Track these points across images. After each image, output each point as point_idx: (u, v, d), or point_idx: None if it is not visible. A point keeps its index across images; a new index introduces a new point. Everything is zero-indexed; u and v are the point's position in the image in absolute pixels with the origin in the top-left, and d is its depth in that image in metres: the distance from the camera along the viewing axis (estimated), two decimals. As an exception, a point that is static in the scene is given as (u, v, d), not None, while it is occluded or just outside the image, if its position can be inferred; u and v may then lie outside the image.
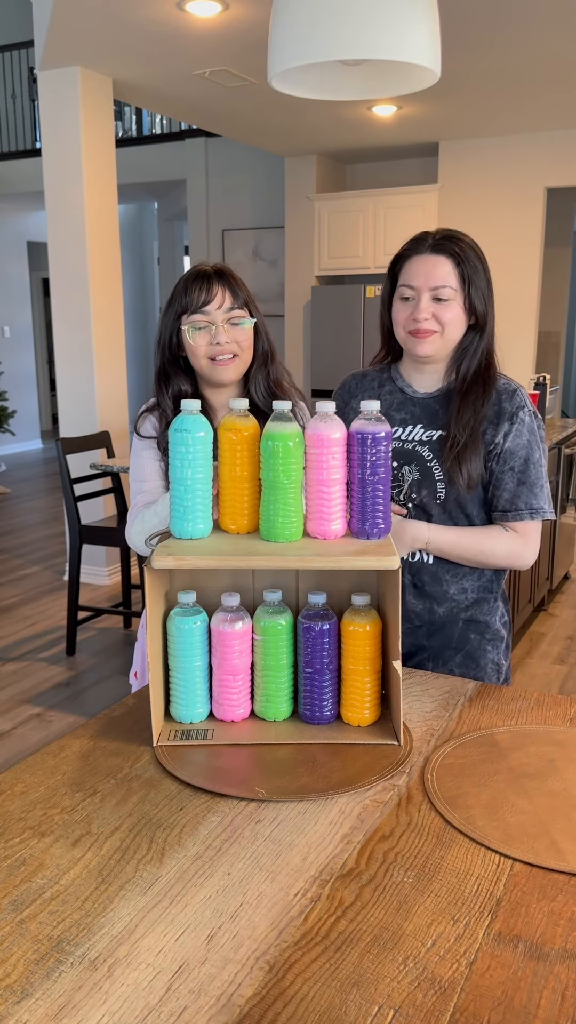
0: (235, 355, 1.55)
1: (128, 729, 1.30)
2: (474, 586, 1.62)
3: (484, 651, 1.64)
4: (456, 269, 1.50)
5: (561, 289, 7.45)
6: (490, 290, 1.54)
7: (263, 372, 1.63)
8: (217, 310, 1.53)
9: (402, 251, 1.56)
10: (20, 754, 3.10)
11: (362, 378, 1.70)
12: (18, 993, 0.79)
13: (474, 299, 1.51)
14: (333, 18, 1.45)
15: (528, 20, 3.81)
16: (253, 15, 3.74)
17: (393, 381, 1.65)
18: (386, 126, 5.82)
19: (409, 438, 1.60)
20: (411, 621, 1.63)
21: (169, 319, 1.57)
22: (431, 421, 1.59)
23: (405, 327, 1.54)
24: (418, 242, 1.53)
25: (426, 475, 1.57)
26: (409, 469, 1.59)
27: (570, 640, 4.16)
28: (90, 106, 4.57)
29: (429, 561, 1.60)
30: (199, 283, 1.53)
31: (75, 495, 3.88)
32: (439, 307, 1.50)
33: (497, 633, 1.65)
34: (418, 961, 0.82)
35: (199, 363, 1.56)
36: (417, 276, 1.51)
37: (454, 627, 1.63)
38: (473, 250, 1.52)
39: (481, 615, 1.63)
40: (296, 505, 1.23)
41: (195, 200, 7.76)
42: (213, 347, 1.53)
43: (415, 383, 1.62)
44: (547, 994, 0.78)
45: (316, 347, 6.82)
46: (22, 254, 10.19)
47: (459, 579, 1.60)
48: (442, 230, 1.54)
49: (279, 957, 0.83)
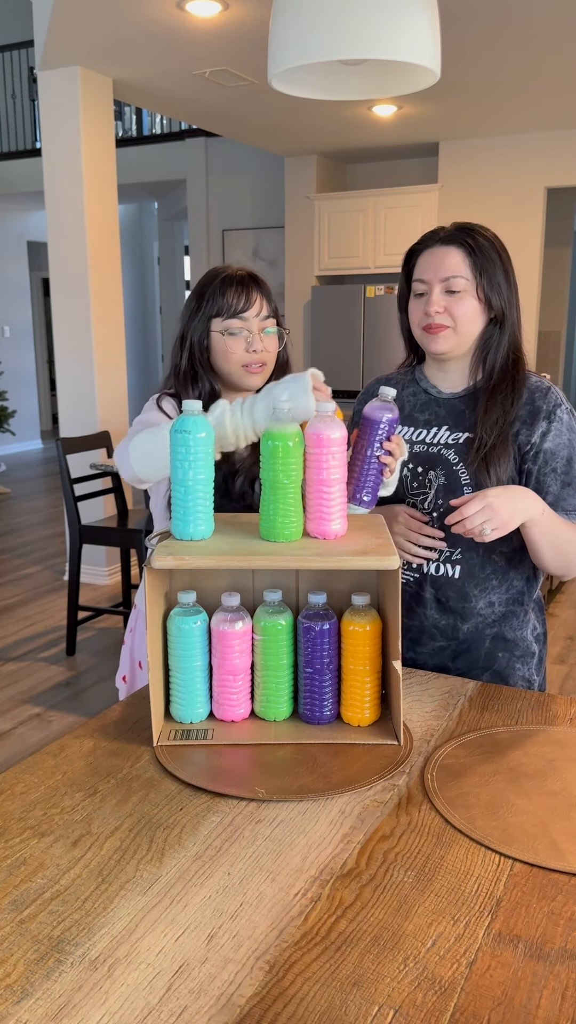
0: (265, 363, 1.55)
1: (128, 729, 1.30)
2: (502, 599, 1.53)
3: (513, 669, 1.56)
4: (468, 259, 1.43)
5: (561, 289, 7.44)
6: (509, 282, 1.47)
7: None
8: (255, 317, 1.52)
9: (413, 247, 1.51)
10: (20, 754, 3.10)
11: (386, 382, 1.65)
12: (18, 993, 0.79)
13: (488, 291, 1.44)
14: (333, 18, 1.45)
15: (528, 20, 3.81)
16: (253, 15, 3.74)
17: (417, 383, 1.60)
18: (386, 126, 5.82)
19: (434, 441, 1.53)
20: (435, 639, 1.56)
21: (199, 320, 1.54)
22: (457, 422, 1.52)
23: (419, 324, 1.49)
24: (430, 236, 1.49)
25: (452, 480, 1.50)
26: (435, 474, 1.52)
27: (570, 640, 4.16)
28: (90, 106, 4.57)
29: (455, 575, 1.52)
30: (238, 288, 1.52)
31: (75, 495, 3.88)
32: (452, 300, 1.44)
33: (528, 648, 1.57)
34: (418, 961, 0.82)
35: (230, 368, 1.55)
36: (428, 269, 1.46)
37: (480, 646, 1.55)
38: (489, 241, 1.46)
39: (509, 631, 1.55)
40: (296, 505, 1.23)
41: (195, 200, 7.76)
42: (249, 354, 1.53)
43: (439, 383, 1.57)
44: (547, 994, 0.78)
45: (316, 347, 6.82)
46: (22, 254, 10.19)
47: (487, 593, 1.52)
48: (457, 223, 1.49)
49: (279, 957, 0.83)
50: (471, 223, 1.49)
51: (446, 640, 1.56)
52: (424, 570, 1.55)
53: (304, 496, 1.25)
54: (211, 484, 1.25)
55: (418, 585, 1.56)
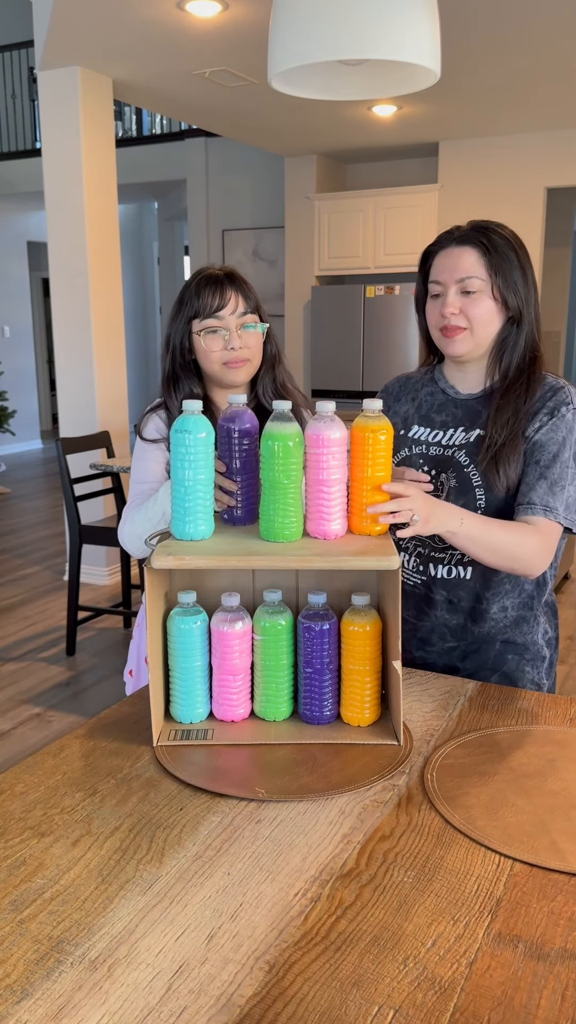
0: (247, 359, 1.55)
1: (128, 729, 1.30)
2: (515, 603, 1.52)
3: (523, 672, 1.55)
4: (483, 259, 1.42)
5: (561, 289, 7.45)
6: (526, 281, 1.45)
7: (270, 375, 1.64)
8: (231, 315, 1.53)
9: (429, 247, 1.50)
10: (20, 754, 3.10)
11: (406, 381, 1.64)
12: (18, 993, 0.79)
13: (504, 290, 1.42)
14: (333, 18, 1.45)
15: (528, 20, 3.81)
16: (253, 15, 3.74)
17: (436, 382, 1.58)
18: (386, 126, 5.82)
19: (449, 443, 1.51)
20: (445, 639, 1.55)
21: (179, 324, 1.56)
22: (472, 423, 1.50)
23: (436, 325, 1.48)
24: (445, 236, 1.47)
25: (463, 482, 1.48)
26: (446, 476, 1.50)
27: (570, 640, 4.16)
28: (90, 106, 4.57)
29: (467, 576, 1.50)
30: (212, 288, 1.53)
31: (75, 495, 3.88)
32: (467, 301, 1.43)
33: (538, 652, 1.55)
34: (418, 961, 0.82)
35: (212, 367, 1.56)
36: (443, 270, 1.44)
37: (491, 648, 1.54)
38: (506, 240, 1.44)
39: (520, 635, 1.53)
40: (296, 505, 1.23)
41: (195, 200, 7.77)
42: (227, 352, 1.53)
43: (458, 384, 1.55)
44: (547, 994, 0.78)
45: (316, 347, 6.82)
46: (22, 254, 10.20)
47: (500, 597, 1.50)
48: (474, 221, 1.48)
49: (279, 957, 0.83)
50: (488, 221, 1.47)
51: (456, 640, 1.56)
52: (433, 573, 1.54)
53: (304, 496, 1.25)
54: (211, 484, 1.25)
55: (427, 588, 1.55)
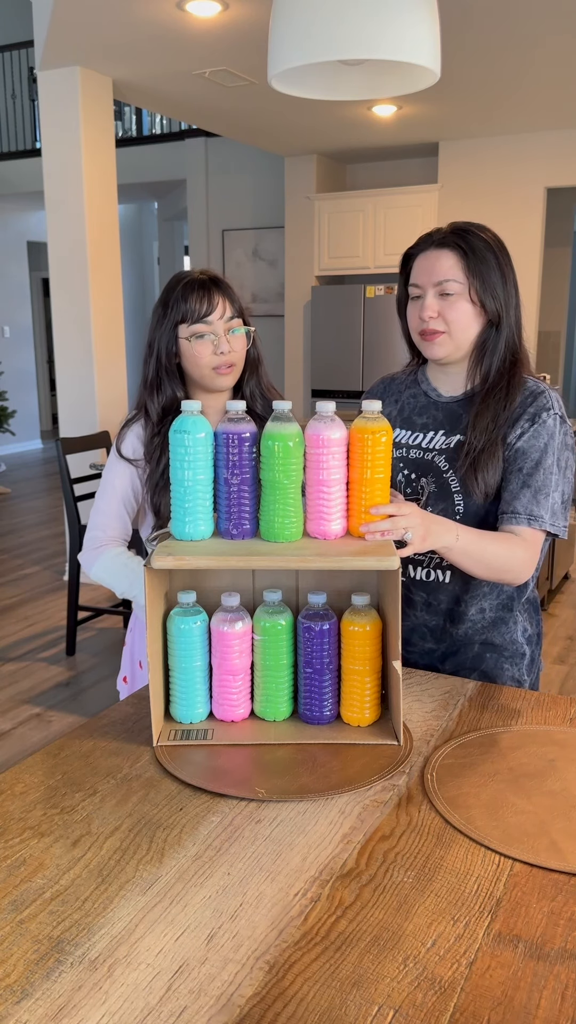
0: (235, 363, 1.56)
1: (128, 729, 1.30)
2: (493, 605, 1.52)
3: (501, 669, 1.55)
4: (461, 262, 1.42)
5: (561, 289, 7.45)
6: (505, 283, 1.44)
7: (255, 378, 1.64)
8: (219, 320, 1.53)
9: (409, 250, 1.50)
10: (20, 754, 3.10)
11: (390, 382, 1.64)
12: (18, 993, 0.79)
13: (482, 293, 1.42)
14: (333, 18, 1.45)
15: (527, 20, 3.81)
16: (253, 15, 3.74)
17: (418, 384, 1.59)
18: (386, 126, 5.82)
19: (429, 446, 1.52)
20: (425, 640, 1.56)
21: (165, 328, 1.55)
22: (453, 427, 1.51)
23: (416, 329, 1.48)
24: (425, 239, 1.47)
25: (442, 487, 1.48)
26: (427, 481, 1.50)
27: (570, 640, 4.16)
28: (90, 106, 4.57)
29: (446, 580, 1.51)
30: (199, 292, 1.52)
31: (75, 495, 3.88)
32: (445, 304, 1.43)
33: (517, 650, 1.56)
34: (418, 961, 0.82)
35: (200, 372, 1.56)
36: (422, 273, 1.45)
37: (469, 649, 1.55)
38: (485, 242, 1.43)
39: (498, 636, 1.54)
40: (296, 505, 1.23)
41: (195, 200, 7.77)
42: (217, 357, 1.53)
43: (440, 386, 1.55)
44: (547, 994, 0.78)
45: (316, 347, 6.82)
46: (22, 254, 10.19)
47: (478, 600, 1.51)
48: (454, 224, 1.48)
49: (279, 957, 0.83)
50: (469, 223, 1.47)
51: (435, 642, 1.57)
52: (412, 575, 1.54)
53: (304, 496, 1.25)
54: (210, 484, 1.25)
55: (406, 589, 1.56)
